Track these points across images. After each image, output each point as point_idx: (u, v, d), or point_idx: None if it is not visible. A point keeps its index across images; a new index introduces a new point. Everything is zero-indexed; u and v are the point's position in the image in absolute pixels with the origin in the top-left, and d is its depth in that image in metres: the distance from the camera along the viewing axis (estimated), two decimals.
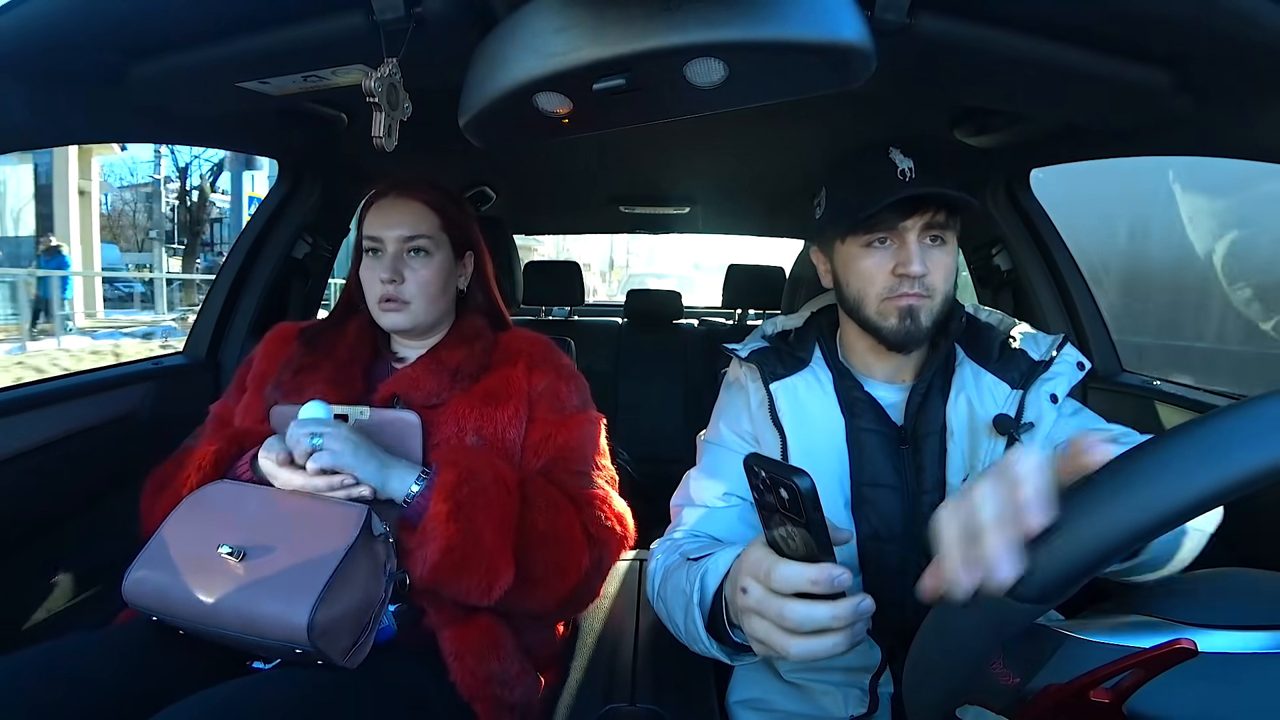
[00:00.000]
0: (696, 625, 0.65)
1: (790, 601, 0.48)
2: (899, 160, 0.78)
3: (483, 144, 0.74)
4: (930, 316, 0.80)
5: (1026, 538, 0.36)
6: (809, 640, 0.49)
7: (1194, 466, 0.32)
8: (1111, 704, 0.36)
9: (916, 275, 0.78)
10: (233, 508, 0.77)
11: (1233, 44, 0.63)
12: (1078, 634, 0.39)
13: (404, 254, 0.92)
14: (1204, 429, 0.33)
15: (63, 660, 0.67)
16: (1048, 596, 0.35)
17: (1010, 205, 1.40)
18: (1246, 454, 0.32)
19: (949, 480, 0.81)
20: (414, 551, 0.77)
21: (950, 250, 0.81)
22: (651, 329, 2.53)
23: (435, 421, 0.86)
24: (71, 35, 0.70)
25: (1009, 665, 0.40)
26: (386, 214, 0.93)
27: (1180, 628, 0.37)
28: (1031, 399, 0.80)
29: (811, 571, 0.47)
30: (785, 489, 0.45)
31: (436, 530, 0.76)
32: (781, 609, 0.48)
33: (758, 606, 0.50)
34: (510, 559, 0.77)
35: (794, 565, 0.48)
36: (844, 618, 0.48)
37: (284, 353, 0.95)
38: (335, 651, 0.69)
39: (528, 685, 0.83)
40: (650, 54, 0.57)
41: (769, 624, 0.50)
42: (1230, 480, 0.32)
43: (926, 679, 0.41)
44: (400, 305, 0.91)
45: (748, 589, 0.52)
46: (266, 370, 0.94)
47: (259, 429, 0.87)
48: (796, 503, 0.45)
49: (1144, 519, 0.33)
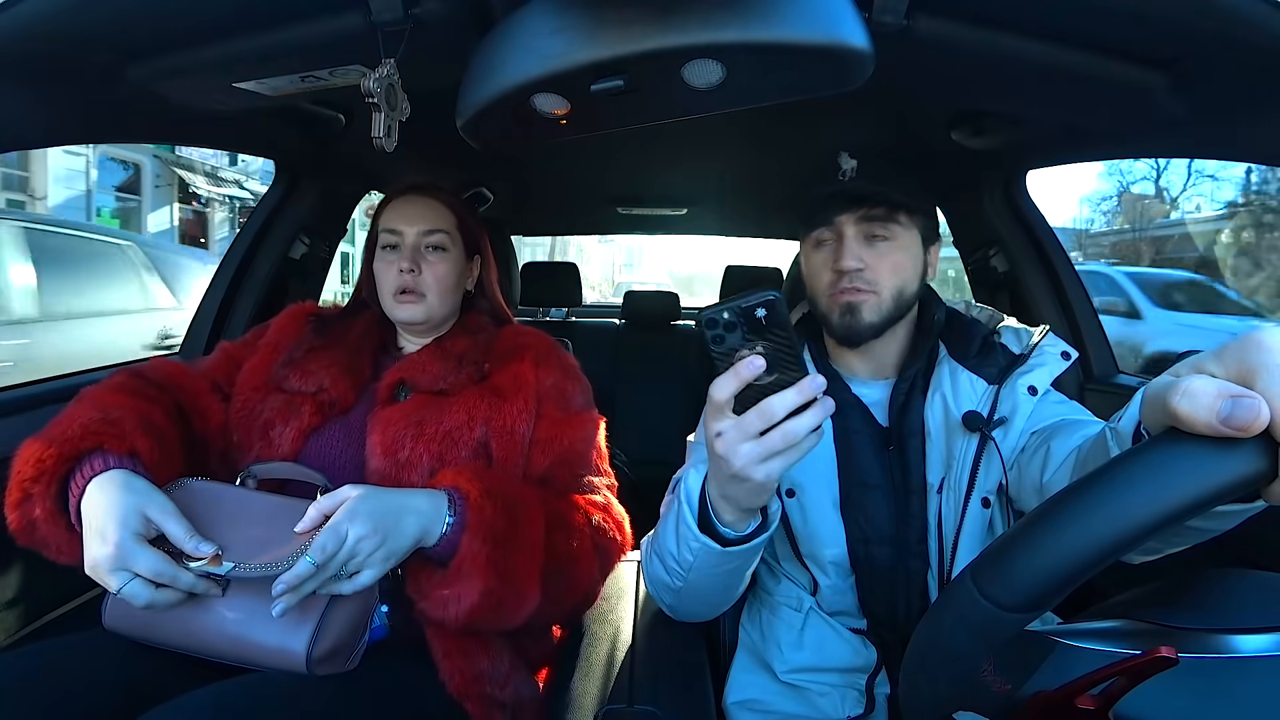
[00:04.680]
0: (688, 525, 0.66)
1: (763, 401, 0.52)
2: (844, 162, 0.83)
3: (480, 145, 0.74)
4: (876, 312, 0.82)
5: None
6: (788, 425, 0.52)
7: (1180, 471, 0.32)
8: (1098, 710, 0.36)
9: (848, 270, 0.81)
10: (209, 518, 0.70)
11: (1227, 46, 0.63)
12: (1067, 640, 0.39)
13: (422, 248, 0.94)
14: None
15: (53, 660, 0.66)
16: (1033, 605, 0.35)
17: (1007, 207, 1.40)
18: (1243, 452, 0.32)
19: (928, 481, 0.82)
20: (437, 591, 0.71)
21: (901, 246, 0.82)
22: (649, 330, 2.53)
23: (445, 409, 0.86)
24: (69, 35, 0.70)
25: (1000, 672, 0.40)
26: (406, 209, 0.95)
27: (1169, 632, 0.37)
28: (1006, 393, 0.80)
29: (796, 389, 0.51)
30: (761, 310, 0.49)
31: (474, 572, 0.70)
32: (760, 410, 0.52)
33: (737, 431, 0.53)
34: (538, 587, 0.75)
35: (782, 393, 0.51)
36: (808, 390, 0.51)
37: (297, 330, 0.97)
38: (332, 668, 0.69)
39: (520, 683, 0.82)
40: (648, 55, 0.57)
41: (750, 441, 0.53)
42: (1230, 479, 0.32)
43: (920, 686, 0.41)
44: (417, 298, 0.93)
45: (721, 430, 0.54)
46: (279, 342, 0.95)
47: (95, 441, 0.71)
48: (773, 322, 0.50)
49: (1128, 526, 0.33)
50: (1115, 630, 0.40)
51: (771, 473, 0.54)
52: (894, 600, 0.83)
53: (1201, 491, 0.32)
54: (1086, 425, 0.74)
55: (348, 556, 0.65)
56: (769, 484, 0.56)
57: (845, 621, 0.87)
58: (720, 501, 0.63)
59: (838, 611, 0.87)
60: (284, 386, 0.89)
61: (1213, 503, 0.32)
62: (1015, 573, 0.35)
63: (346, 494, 0.69)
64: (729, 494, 0.61)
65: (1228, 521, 0.48)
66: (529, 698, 0.84)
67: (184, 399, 0.86)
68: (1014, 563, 0.35)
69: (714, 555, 0.66)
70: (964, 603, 0.37)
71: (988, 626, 0.36)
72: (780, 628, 0.89)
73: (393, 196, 0.97)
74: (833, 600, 0.86)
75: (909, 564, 0.82)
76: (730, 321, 0.51)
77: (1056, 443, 0.72)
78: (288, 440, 0.85)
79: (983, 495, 0.79)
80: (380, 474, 0.82)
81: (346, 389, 0.89)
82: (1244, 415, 0.30)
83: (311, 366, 0.90)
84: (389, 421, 0.84)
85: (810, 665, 0.86)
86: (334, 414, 0.88)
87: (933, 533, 0.81)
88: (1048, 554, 0.34)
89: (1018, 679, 0.39)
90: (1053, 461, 0.72)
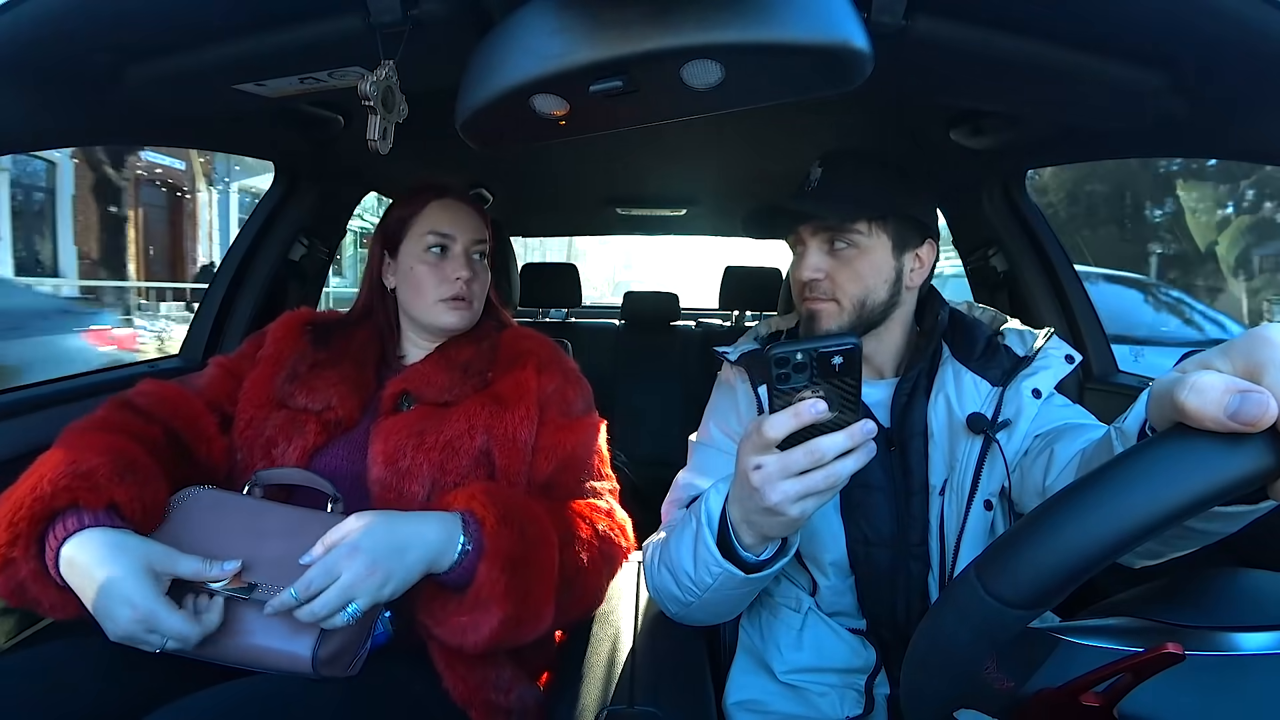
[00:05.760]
0: (709, 548, 0.66)
1: (814, 441, 0.52)
2: (813, 172, 0.84)
3: (480, 146, 0.73)
4: (836, 320, 0.82)
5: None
6: (833, 466, 0.52)
7: (1187, 466, 0.32)
8: (1102, 708, 0.36)
9: (806, 280, 0.82)
10: (214, 525, 0.71)
11: (1226, 46, 0.63)
12: (1070, 638, 0.39)
13: (471, 255, 0.94)
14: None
15: (48, 663, 0.66)
16: (1038, 601, 0.35)
17: (1006, 207, 1.40)
18: (1251, 448, 0.32)
19: (930, 482, 0.81)
20: (454, 618, 0.70)
21: (863, 253, 0.81)
22: (648, 331, 2.53)
23: (445, 418, 0.86)
24: (68, 36, 0.70)
25: (1003, 669, 0.40)
26: (456, 214, 0.94)
27: (1173, 630, 0.37)
28: (1010, 395, 0.80)
29: (848, 433, 0.51)
30: (838, 358, 0.49)
31: (492, 600, 0.69)
32: (809, 449, 0.52)
33: (779, 467, 0.53)
34: (553, 605, 0.75)
35: (834, 434, 0.52)
36: (858, 435, 0.52)
37: (295, 342, 0.94)
38: (338, 671, 0.69)
39: (523, 689, 0.82)
40: (647, 56, 0.57)
41: (791, 479, 0.53)
42: (1237, 474, 0.31)
43: (922, 684, 0.41)
44: (467, 305, 0.93)
45: (763, 464, 0.54)
46: (278, 354, 0.92)
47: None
48: (846, 370, 0.50)
49: (1135, 521, 0.32)
50: (1119, 628, 0.40)
51: (806, 510, 0.54)
52: (894, 602, 0.83)
53: (1209, 487, 0.32)
54: (1090, 429, 0.74)
55: (342, 597, 0.63)
56: (801, 520, 0.56)
57: (844, 622, 0.87)
58: (743, 526, 0.63)
59: (837, 612, 0.87)
60: (289, 403, 0.87)
61: (1220, 498, 0.32)
62: (1020, 568, 0.35)
63: (350, 527, 0.67)
64: (755, 523, 0.60)
65: (1232, 524, 0.48)
66: (532, 702, 0.83)
67: (179, 425, 0.83)
68: (1019, 558, 0.35)
69: (734, 580, 0.66)
70: (967, 599, 0.37)
71: (991, 623, 0.36)
72: (780, 628, 0.89)
73: (429, 198, 0.94)
74: (832, 601, 0.86)
75: (909, 566, 0.82)
76: (801, 363, 0.50)
77: (1060, 446, 0.72)
78: (290, 459, 0.83)
79: (985, 498, 0.79)
80: (382, 483, 0.81)
81: (353, 408, 0.88)
82: (1252, 410, 0.30)
83: (317, 384, 0.88)
84: (391, 432, 0.84)
85: (810, 666, 0.86)
86: (339, 433, 0.87)
87: (934, 535, 0.81)
88: (1054, 549, 0.34)
89: (1021, 676, 0.39)
90: (1056, 465, 0.71)
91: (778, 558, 0.65)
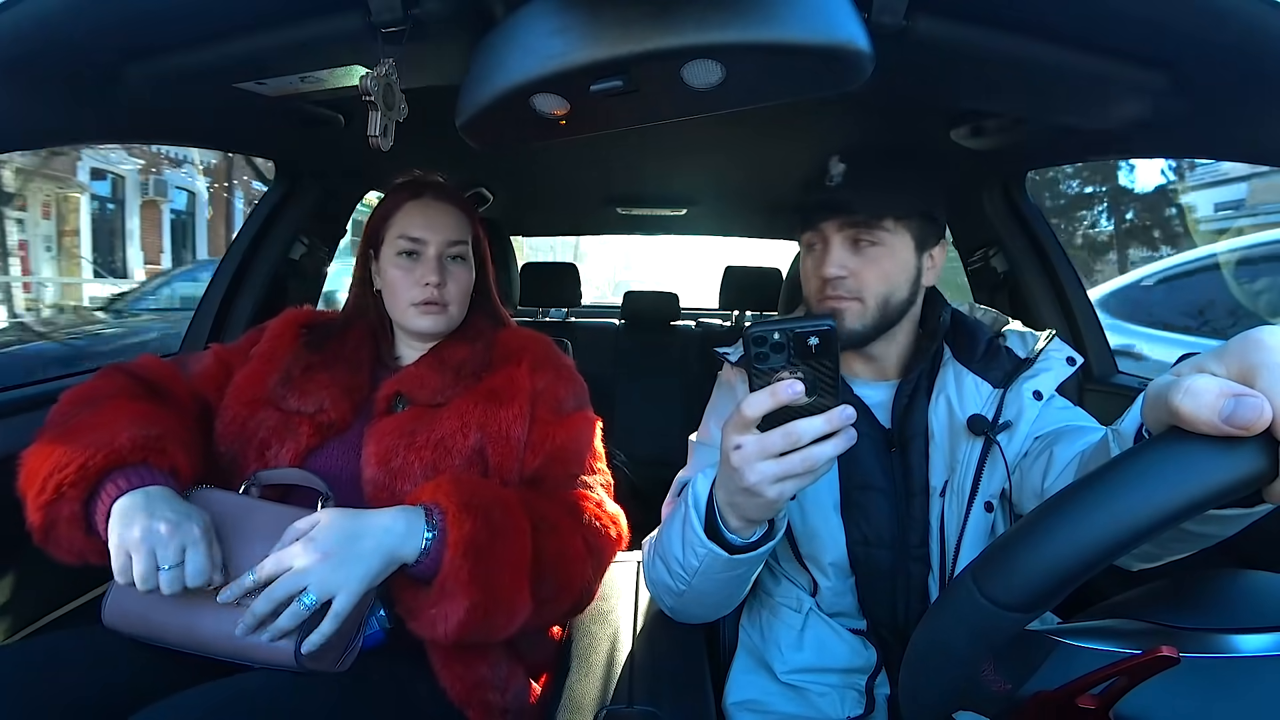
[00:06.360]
0: (694, 529, 0.66)
1: (790, 424, 0.52)
2: (833, 166, 0.82)
3: (480, 145, 0.74)
4: (860, 320, 0.81)
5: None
6: (811, 450, 0.52)
7: (1182, 469, 0.32)
8: (1098, 710, 0.36)
9: (830, 278, 0.80)
10: (218, 528, 0.72)
11: (1227, 47, 0.63)
12: (1067, 640, 0.39)
13: (445, 258, 0.91)
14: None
15: (52, 656, 0.67)
16: (1034, 604, 0.35)
17: (1007, 207, 1.40)
18: (1245, 451, 0.32)
19: (931, 484, 0.81)
20: (425, 610, 0.71)
21: (889, 252, 0.81)
22: (648, 330, 2.53)
23: (437, 417, 0.86)
24: (68, 36, 0.70)
25: (1000, 672, 0.40)
26: (429, 215, 0.91)
27: (1170, 632, 0.37)
28: (1011, 397, 0.80)
29: (826, 417, 0.51)
30: (814, 338, 0.50)
31: (458, 589, 0.69)
32: (786, 431, 0.52)
33: (758, 448, 0.53)
34: (528, 594, 0.74)
35: (811, 418, 0.52)
36: (836, 420, 0.52)
37: (290, 344, 0.94)
38: (325, 665, 0.69)
39: (520, 688, 0.82)
40: (647, 56, 0.57)
41: (769, 460, 0.53)
42: (1231, 478, 0.31)
43: (920, 686, 0.41)
44: (440, 309, 0.91)
45: (742, 444, 0.54)
46: (273, 353, 0.92)
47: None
48: (823, 351, 0.50)
49: (1130, 525, 0.32)
50: (1116, 630, 0.40)
51: (784, 492, 0.54)
52: (894, 603, 0.83)
53: (1203, 490, 0.32)
54: (1090, 431, 0.74)
55: (291, 585, 0.65)
56: (779, 502, 0.56)
57: (845, 622, 0.87)
58: (728, 509, 0.63)
59: (837, 612, 0.87)
60: (281, 405, 0.87)
61: (1214, 502, 0.32)
62: (1016, 572, 0.35)
63: (309, 521, 0.70)
64: (737, 504, 0.61)
65: (1228, 527, 0.48)
66: (529, 701, 0.83)
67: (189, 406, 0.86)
68: (1015, 562, 0.35)
69: (719, 562, 0.66)
70: (964, 602, 0.37)
71: (988, 626, 0.36)
72: (780, 628, 0.89)
73: (404, 199, 0.93)
74: (832, 601, 0.86)
75: (909, 567, 0.82)
76: (779, 343, 0.50)
77: (1060, 448, 0.72)
78: (284, 461, 0.83)
79: (986, 499, 0.79)
80: (375, 483, 0.81)
81: (346, 411, 0.87)
82: (1246, 414, 0.30)
83: (310, 387, 0.88)
84: (384, 432, 0.84)
85: (810, 666, 0.86)
86: (332, 435, 0.87)
87: (934, 536, 0.81)
88: (1049, 553, 0.34)
89: (1018, 679, 0.39)
90: (1055, 467, 0.71)
91: (764, 541, 0.65)
